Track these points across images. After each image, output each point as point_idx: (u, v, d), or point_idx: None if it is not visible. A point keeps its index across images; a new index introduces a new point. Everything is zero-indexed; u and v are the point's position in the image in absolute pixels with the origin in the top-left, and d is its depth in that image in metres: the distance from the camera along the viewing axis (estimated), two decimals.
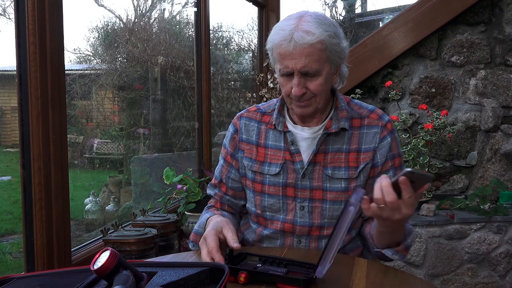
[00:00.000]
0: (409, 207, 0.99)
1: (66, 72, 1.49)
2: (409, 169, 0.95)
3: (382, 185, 0.99)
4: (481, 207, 2.69)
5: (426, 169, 2.73)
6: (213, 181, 1.42)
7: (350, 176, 1.24)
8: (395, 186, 0.97)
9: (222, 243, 1.09)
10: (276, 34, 1.18)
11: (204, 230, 1.21)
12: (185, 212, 2.24)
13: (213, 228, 1.12)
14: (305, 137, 1.27)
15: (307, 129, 1.27)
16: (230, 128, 1.37)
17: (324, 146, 1.25)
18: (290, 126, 1.29)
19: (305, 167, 1.25)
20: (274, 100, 1.36)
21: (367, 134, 1.26)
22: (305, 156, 1.26)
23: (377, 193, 0.99)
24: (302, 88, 1.17)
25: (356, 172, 1.24)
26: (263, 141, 1.31)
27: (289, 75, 1.18)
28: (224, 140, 1.39)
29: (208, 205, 1.41)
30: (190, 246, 1.32)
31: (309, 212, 1.26)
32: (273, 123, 1.29)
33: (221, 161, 1.39)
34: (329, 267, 0.96)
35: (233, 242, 1.05)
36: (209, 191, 1.43)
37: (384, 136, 1.26)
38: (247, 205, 1.37)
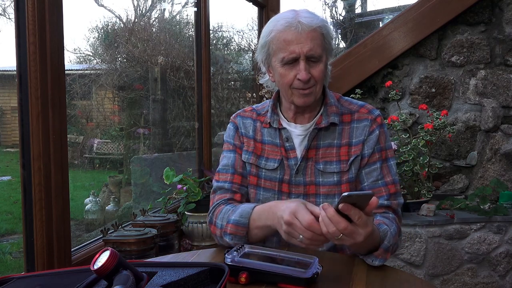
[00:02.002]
0: (365, 226, 0.97)
1: (66, 72, 1.49)
2: (345, 193, 0.92)
3: (329, 216, 0.95)
4: (481, 207, 2.69)
5: (426, 169, 2.73)
6: (222, 177, 1.33)
7: (341, 169, 1.26)
8: (341, 213, 0.94)
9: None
10: (277, 22, 1.22)
11: (249, 221, 1.17)
12: (185, 212, 2.24)
13: (298, 203, 1.06)
14: (297, 134, 1.30)
15: (299, 126, 1.30)
16: (230, 126, 1.39)
17: (315, 142, 1.28)
18: (284, 123, 1.31)
19: (299, 163, 1.27)
20: (267, 101, 1.38)
21: (357, 128, 1.28)
22: (298, 152, 1.28)
23: (329, 227, 0.95)
24: (308, 73, 1.20)
25: (347, 165, 1.26)
26: (260, 137, 1.34)
27: (292, 62, 1.21)
28: (227, 138, 1.38)
29: (223, 199, 1.30)
30: (228, 240, 1.22)
31: None
32: (268, 121, 1.31)
33: (231, 155, 1.34)
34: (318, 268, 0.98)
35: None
36: (220, 184, 1.33)
37: (373, 129, 1.28)
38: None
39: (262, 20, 3.61)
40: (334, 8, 6.23)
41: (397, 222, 1.24)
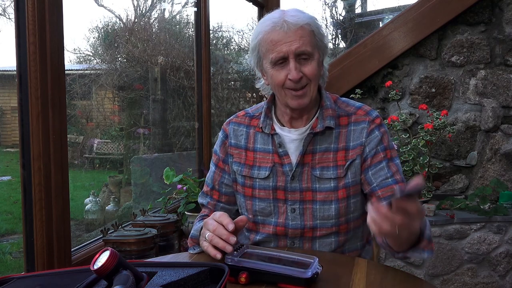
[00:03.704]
0: (419, 212, 0.92)
1: (66, 72, 1.49)
2: (399, 190, 0.87)
3: (384, 214, 0.89)
4: (481, 207, 2.69)
5: (426, 169, 2.73)
6: (204, 189, 1.40)
7: (338, 175, 1.23)
8: (394, 207, 0.89)
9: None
10: (264, 24, 1.20)
11: (199, 234, 1.20)
12: (185, 212, 2.24)
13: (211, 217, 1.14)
14: (292, 138, 1.26)
15: (294, 130, 1.27)
16: (220, 134, 1.37)
17: (311, 147, 1.24)
18: (277, 128, 1.28)
19: (294, 169, 1.24)
20: (262, 103, 1.35)
21: (354, 131, 1.25)
22: (294, 158, 1.25)
23: (384, 224, 0.90)
24: (299, 72, 1.17)
25: (344, 170, 1.23)
26: (252, 145, 1.30)
27: (282, 62, 1.18)
28: (215, 146, 1.38)
29: (201, 215, 1.38)
30: (191, 252, 1.27)
31: (301, 214, 1.25)
32: (260, 126, 1.28)
33: (212, 168, 1.38)
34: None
35: (229, 224, 1.07)
36: (201, 200, 1.40)
37: (372, 130, 1.25)
38: (239, 211, 1.36)
39: None
40: (334, 8, 6.24)
41: None
